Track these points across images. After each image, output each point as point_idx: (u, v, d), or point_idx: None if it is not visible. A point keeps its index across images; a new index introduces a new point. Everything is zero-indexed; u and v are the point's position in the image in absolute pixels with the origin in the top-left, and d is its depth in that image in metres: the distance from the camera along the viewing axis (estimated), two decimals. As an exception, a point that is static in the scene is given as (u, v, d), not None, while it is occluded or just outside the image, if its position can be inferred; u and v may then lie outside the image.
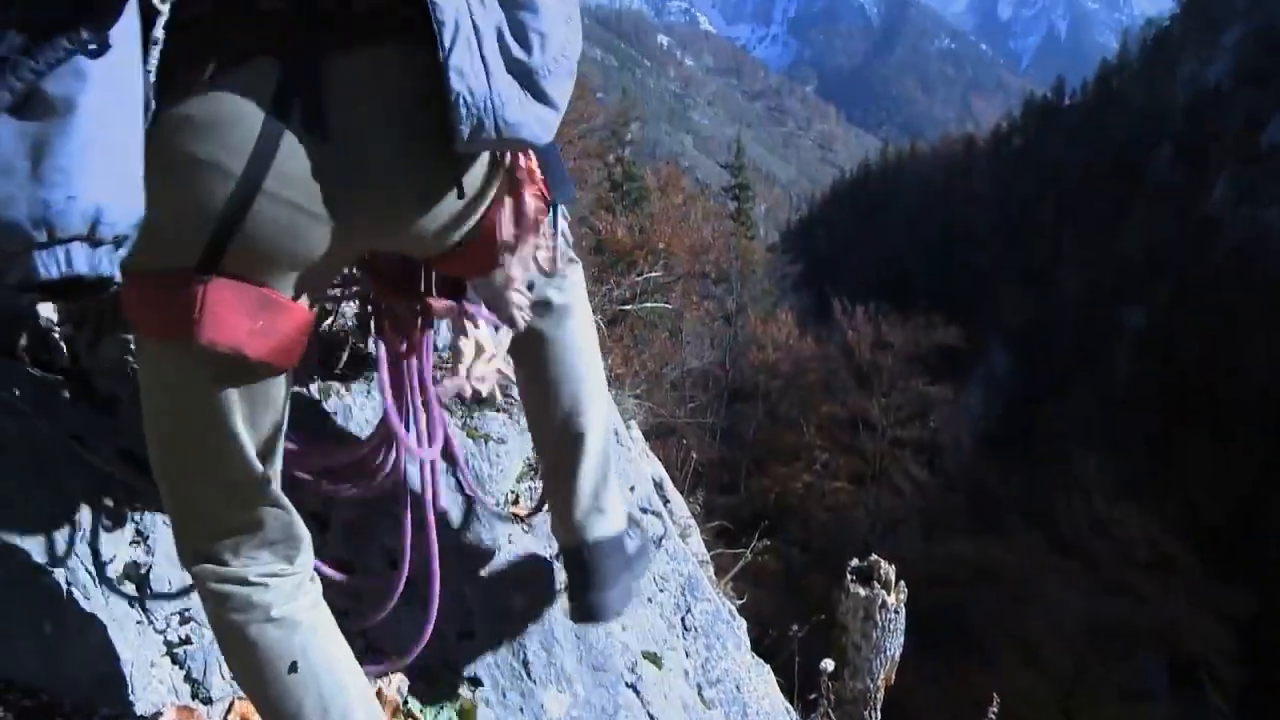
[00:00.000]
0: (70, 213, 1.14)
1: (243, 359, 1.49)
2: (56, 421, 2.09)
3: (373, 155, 1.49)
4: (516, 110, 1.49)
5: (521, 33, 1.51)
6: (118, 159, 1.22)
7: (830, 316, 42.93)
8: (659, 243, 24.64)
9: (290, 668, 1.75)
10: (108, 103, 1.18)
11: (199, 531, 1.74)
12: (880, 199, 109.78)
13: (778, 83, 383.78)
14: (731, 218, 41.31)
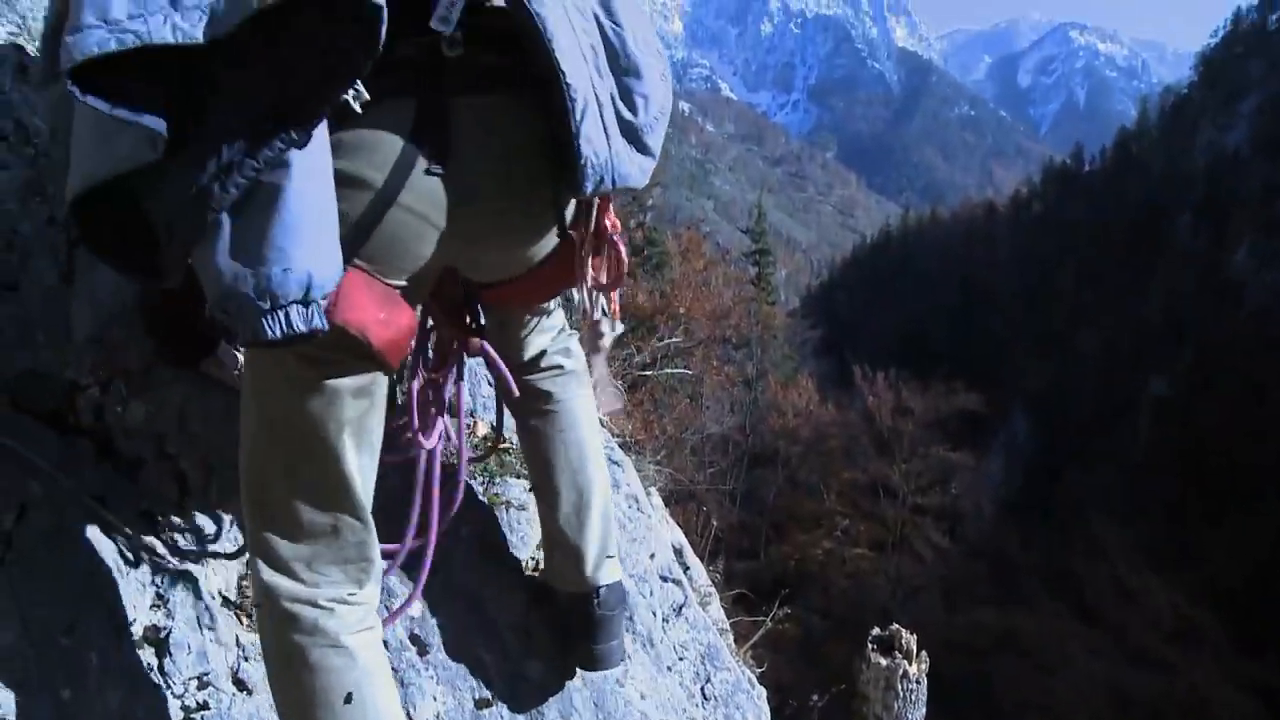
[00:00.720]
0: (287, 283, 1.41)
1: (366, 344, 1.67)
2: (79, 482, 2.10)
3: (485, 183, 1.76)
4: (626, 164, 1.77)
5: (629, 97, 1.80)
6: (319, 227, 1.48)
7: (851, 382, 42.81)
8: (680, 308, 24.66)
9: (346, 698, 1.82)
10: (307, 181, 1.45)
11: (279, 540, 1.83)
12: (901, 264, 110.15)
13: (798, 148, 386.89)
14: (752, 283, 41.34)
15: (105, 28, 1.26)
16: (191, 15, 1.30)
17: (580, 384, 2.57)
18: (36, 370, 2.14)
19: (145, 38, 1.27)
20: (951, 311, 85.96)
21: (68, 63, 1.26)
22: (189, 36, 1.29)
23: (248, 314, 1.41)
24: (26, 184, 2.29)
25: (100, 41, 1.25)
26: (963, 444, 38.96)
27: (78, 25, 1.27)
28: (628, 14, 1.84)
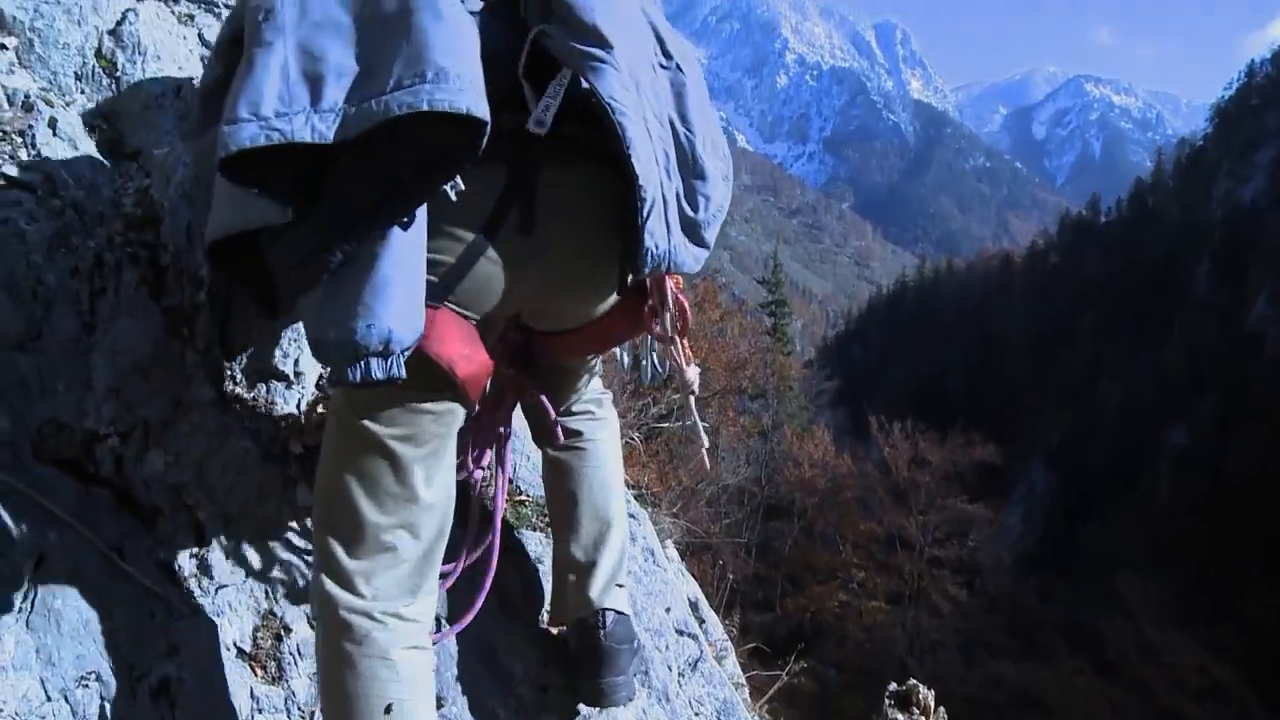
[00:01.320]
0: (370, 337, 1.64)
1: (451, 375, 1.91)
2: (98, 532, 2.12)
3: (561, 245, 1.98)
4: (683, 254, 1.98)
5: (693, 196, 2.01)
6: (405, 291, 1.70)
7: (867, 433, 42.63)
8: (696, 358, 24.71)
9: (386, 709, 1.93)
10: (401, 249, 1.69)
11: (342, 553, 1.99)
12: (917, 315, 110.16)
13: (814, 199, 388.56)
14: (768, 333, 41.37)
15: (256, 122, 1.51)
16: (327, 118, 1.55)
17: (609, 430, 2.77)
18: (57, 419, 2.15)
19: (288, 136, 1.52)
20: (968, 362, 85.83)
21: (222, 150, 1.51)
22: (323, 137, 1.54)
23: (334, 359, 1.67)
24: (54, 236, 2.32)
25: (252, 136, 1.50)
26: (981, 496, 38.62)
27: (233, 118, 1.51)
28: (700, 120, 2.06)
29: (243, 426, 2.55)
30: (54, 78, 2.71)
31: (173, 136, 2.74)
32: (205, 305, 2.59)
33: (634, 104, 1.86)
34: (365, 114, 1.55)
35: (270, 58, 1.58)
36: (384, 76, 1.58)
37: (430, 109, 1.55)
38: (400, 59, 1.58)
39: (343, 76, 1.59)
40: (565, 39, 1.83)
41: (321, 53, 1.60)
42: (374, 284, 1.65)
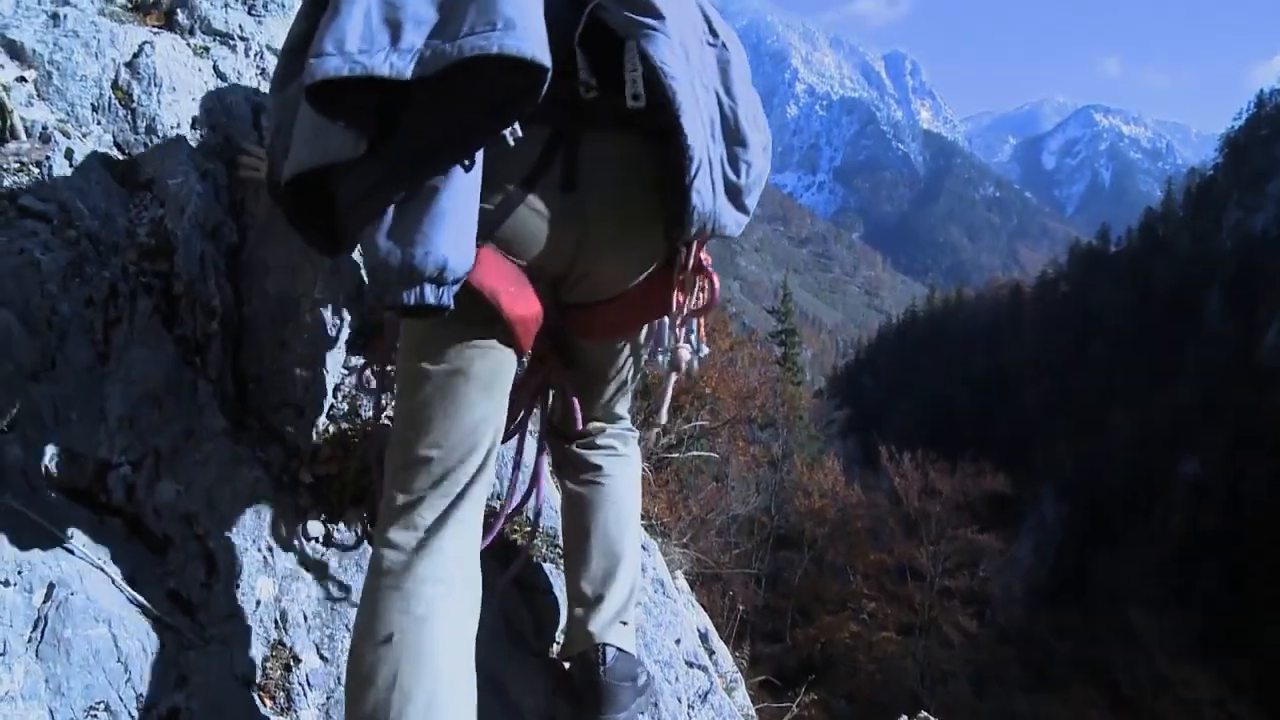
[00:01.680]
0: (426, 263, 1.78)
1: (497, 307, 2.04)
2: (108, 561, 2.12)
3: (599, 203, 2.10)
4: (725, 216, 2.10)
5: (735, 162, 2.12)
6: (460, 224, 1.84)
7: (877, 463, 42.56)
8: (706, 388, 24.68)
9: (386, 638, 1.94)
10: (459, 185, 1.83)
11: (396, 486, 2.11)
12: (927, 344, 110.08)
13: (824, 229, 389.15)
14: (778, 363, 41.37)
15: (340, 57, 1.66)
16: (405, 56, 1.68)
17: (630, 467, 2.77)
18: (70, 448, 2.16)
19: (369, 69, 1.66)
20: (979, 392, 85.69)
21: (308, 79, 1.66)
22: (400, 73, 1.67)
23: (391, 283, 1.79)
24: (69, 266, 2.34)
25: (336, 67, 1.65)
26: (991, 526, 38.48)
27: (320, 51, 1.67)
28: (742, 95, 2.17)
29: (254, 456, 2.56)
30: (71, 109, 2.73)
31: (187, 167, 2.76)
32: (217, 335, 2.60)
33: (683, 70, 1.99)
34: (439, 54, 1.69)
35: (355, 5, 1.73)
36: (458, 23, 1.71)
37: (500, 53, 1.68)
38: (473, 9, 1.72)
39: (420, 24, 1.73)
40: (620, 10, 1.98)
41: (401, 2, 1.74)
42: (432, 215, 1.80)
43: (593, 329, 2.47)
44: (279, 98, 2.14)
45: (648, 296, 2.33)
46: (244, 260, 2.82)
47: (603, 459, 2.70)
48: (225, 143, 2.97)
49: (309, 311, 2.79)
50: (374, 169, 1.80)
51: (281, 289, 2.78)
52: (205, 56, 3.18)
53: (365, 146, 1.77)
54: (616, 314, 2.37)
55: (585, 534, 2.65)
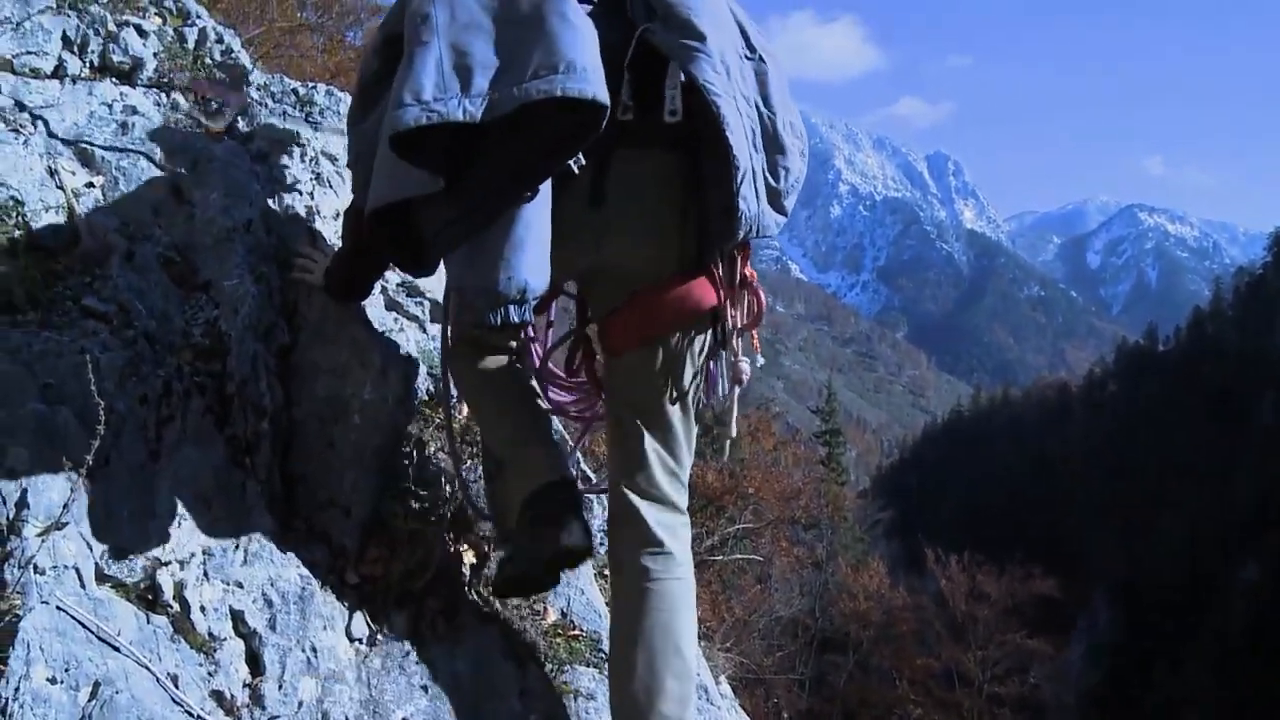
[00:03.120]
0: (510, 288, 2.03)
1: None
2: (154, 660, 2.13)
3: (624, 212, 2.32)
4: (768, 218, 2.34)
5: (774, 168, 2.35)
6: (535, 249, 2.08)
7: (923, 565, 41.84)
8: (749, 488, 24.52)
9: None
10: (533, 212, 2.07)
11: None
12: (973, 445, 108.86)
13: (868, 329, 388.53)
14: (822, 463, 41.04)
15: (419, 106, 1.85)
16: (476, 101, 1.88)
17: (679, 568, 2.55)
18: (120, 546, 2.20)
19: (445, 116, 1.85)
20: (1026, 493, 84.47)
21: (391, 129, 1.85)
22: (473, 117, 1.87)
23: (478, 306, 2.05)
24: (126, 365, 2.40)
25: (415, 117, 1.84)
26: (1042, 631, 37.60)
27: (400, 102, 1.86)
28: (780, 103, 2.37)
29: (300, 556, 2.59)
30: (134, 213, 2.82)
31: (242, 269, 2.83)
32: (267, 435, 2.65)
33: (725, 87, 2.19)
34: (508, 98, 1.88)
35: (428, 55, 1.90)
36: (523, 68, 1.90)
37: (563, 95, 1.88)
38: (537, 53, 1.91)
39: (487, 69, 1.91)
40: (666, 34, 2.20)
41: (469, 49, 1.92)
42: (512, 242, 2.04)
43: (615, 336, 2.51)
44: (356, 130, 2.33)
45: (668, 300, 2.42)
46: (294, 361, 2.87)
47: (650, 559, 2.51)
48: (280, 245, 3.05)
49: (357, 412, 2.84)
50: (450, 202, 2.01)
51: (331, 390, 2.83)
52: (263, 162, 3.28)
53: (442, 183, 1.96)
54: (635, 316, 2.45)
55: (628, 642, 2.48)
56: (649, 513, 2.53)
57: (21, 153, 2.72)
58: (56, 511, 2.06)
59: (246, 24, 9.32)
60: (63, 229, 2.64)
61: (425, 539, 2.78)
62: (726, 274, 2.47)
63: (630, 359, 2.52)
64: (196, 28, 3.74)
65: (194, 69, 3.56)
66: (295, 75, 4.93)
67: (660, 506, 2.55)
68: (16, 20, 3.05)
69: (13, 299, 2.45)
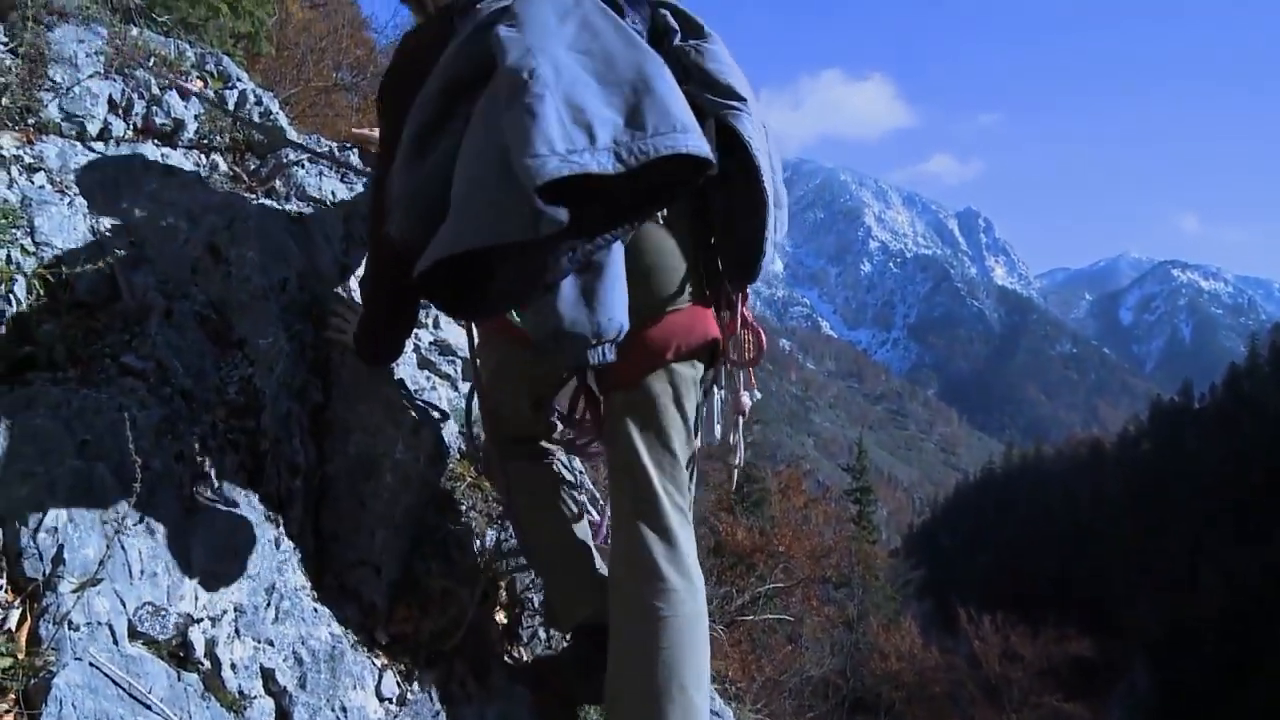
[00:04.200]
0: (609, 328, 2.17)
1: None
2: (186, 718, 2.12)
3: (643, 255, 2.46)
4: (771, 265, 2.55)
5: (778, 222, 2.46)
6: (623, 291, 2.23)
7: (956, 625, 41.36)
8: (779, 546, 24.39)
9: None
10: (618, 258, 2.22)
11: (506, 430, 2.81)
12: (1005, 503, 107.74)
13: (899, 386, 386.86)
14: (853, 521, 40.77)
15: (557, 158, 1.86)
16: (603, 155, 1.92)
17: (685, 605, 2.46)
18: (153, 602, 2.21)
19: (584, 167, 1.88)
20: (1060, 552, 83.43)
21: (539, 178, 1.84)
22: (606, 169, 1.91)
23: (579, 346, 2.16)
24: (162, 421, 2.43)
25: (556, 168, 1.85)
26: (1078, 694, 37.01)
27: (535, 153, 1.86)
28: (779, 163, 2.53)
29: (331, 614, 2.59)
30: (171, 270, 2.87)
31: (277, 327, 2.87)
32: (300, 492, 2.67)
33: (762, 145, 2.36)
34: (639, 152, 1.95)
35: (548, 109, 1.91)
36: (642, 124, 1.99)
37: (686, 151, 1.99)
38: (652, 114, 2.00)
39: (605, 124, 1.95)
40: (708, 96, 2.35)
41: (583, 106, 1.96)
42: (606, 285, 2.17)
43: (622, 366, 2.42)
44: (409, 173, 2.28)
45: (673, 328, 2.54)
46: (327, 419, 2.90)
47: (658, 602, 2.44)
48: (314, 303, 3.09)
49: (389, 471, 2.86)
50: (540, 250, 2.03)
51: (363, 449, 2.86)
52: (299, 221, 3.33)
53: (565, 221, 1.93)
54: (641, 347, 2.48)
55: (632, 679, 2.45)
56: (658, 549, 2.48)
57: (66, 213, 2.77)
58: (92, 568, 2.08)
59: (283, 84, 9.45)
60: (103, 287, 2.69)
61: (456, 598, 2.79)
62: (729, 311, 2.71)
63: (634, 393, 2.56)
64: (237, 90, 3.83)
65: (233, 130, 3.63)
66: (330, 134, 5.00)
67: (668, 543, 2.50)
68: (66, 86, 3.13)
69: (54, 356, 2.49)
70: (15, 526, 2.08)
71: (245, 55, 6.32)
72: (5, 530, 2.08)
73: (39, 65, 3.17)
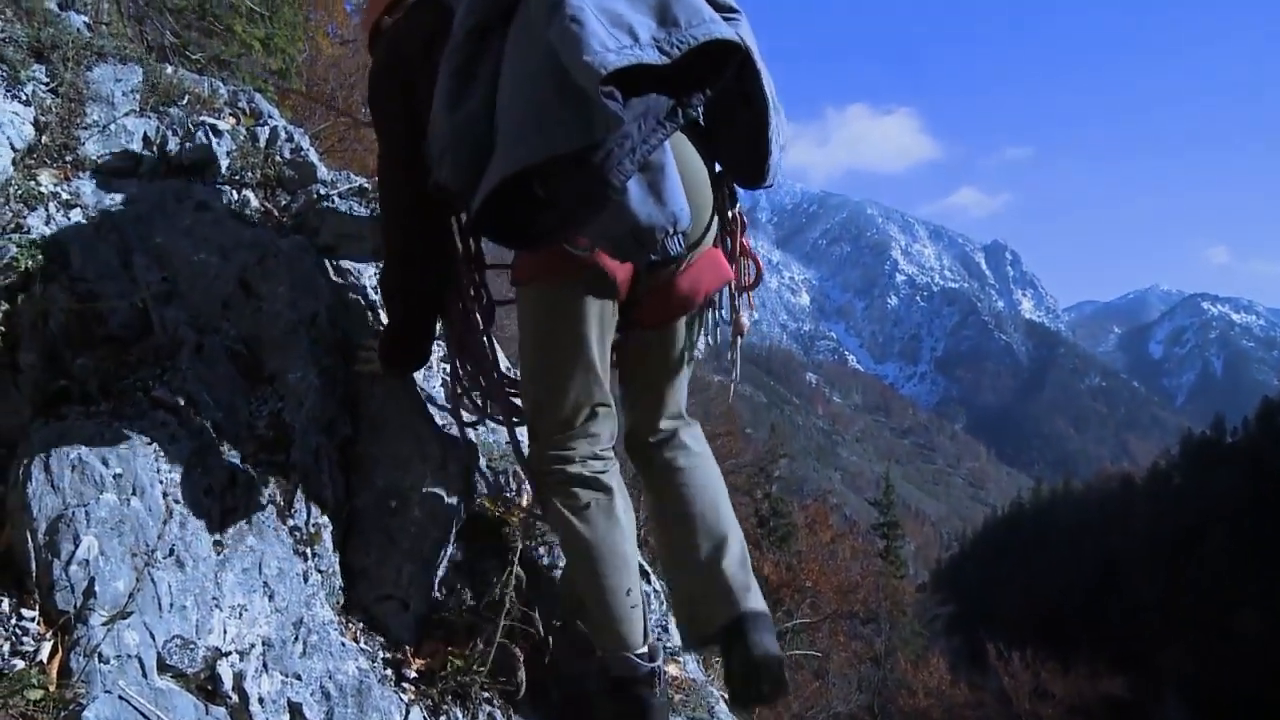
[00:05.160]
0: (682, 218, 2.28)
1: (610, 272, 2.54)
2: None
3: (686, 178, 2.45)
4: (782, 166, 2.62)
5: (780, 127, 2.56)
6: (679, 184, 2.31)
7: (985, 661, 40.95)
8: (806, 581, 24.32)
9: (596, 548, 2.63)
10: (668, 156, 2.29)
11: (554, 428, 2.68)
12: (1034, 537, 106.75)
13: (926, 420, 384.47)
14: (880, 556, 40.52)
15: (614, 53, 1.98)
16: (649, 49, 2.04)
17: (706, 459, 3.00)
18: (182, 635, 2.22)
19: (639, 59, 2.02)
20: (1091, 587, 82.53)
21: (603, 69, 1.96)
22: (654, 60, 2.04)
23: (659, 238, 2.26)
24: (192, 455, 2.45)
25: (615, 60, 1.98)
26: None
27: (593, 50, 1.98)
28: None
29: (360, 648, 2.60)
30: (202, 305, 2.90)
31: (307, 362, 2.89)
32: (328, 526, 2.68)
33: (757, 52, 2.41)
34: (679, 41, 2.08)
35: (589, 17, 2.02)
36: (676, 22, 2.11)
37: (720, 38, 2.14)
38: (682, 11, 2.13)
39: (642, 26, 2.08)
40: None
41: (617, 13, 2.08)
42: (668, 181, 2.27)
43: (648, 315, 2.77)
44: (453, 115, 2.36)
45: (702, 275, 2.72)
46: (356, 454, 2.92)
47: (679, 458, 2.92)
48: (343, 338, 3.11)
49: (417, 505, 2.86)
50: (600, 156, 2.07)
51: (391, 483, 2.87)
52: (329, 256, 3.36)
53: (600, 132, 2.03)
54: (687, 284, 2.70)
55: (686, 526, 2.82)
56: (685, 432, 2.97)
57: (101, 248, 2.81)
58: (122, 600, 2.09)
59: (313, 118, 9.56)
60: (136, 321, 2.72)
61: (483, 632, 2.78)
62: (734, 245, 2.93)
63: (664, 332, 2.86)
64: (268, 127, 3.87)
65: (264, 166, 3.67)
66: (359, 169, 5.05)
67: (688, 424, 3.01)
68: (104, 124, 3.18)
69: (87, 389, 2.52)
70: (48, 559, 2.10)
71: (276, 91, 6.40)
72: (38, 562, 2.10)
73: (77, 105, 3.23)
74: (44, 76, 3.28)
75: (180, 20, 6.22)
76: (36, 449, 2.27)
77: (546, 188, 2.20)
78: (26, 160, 2.99)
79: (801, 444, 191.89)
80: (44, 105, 3.16)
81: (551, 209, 2.23)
